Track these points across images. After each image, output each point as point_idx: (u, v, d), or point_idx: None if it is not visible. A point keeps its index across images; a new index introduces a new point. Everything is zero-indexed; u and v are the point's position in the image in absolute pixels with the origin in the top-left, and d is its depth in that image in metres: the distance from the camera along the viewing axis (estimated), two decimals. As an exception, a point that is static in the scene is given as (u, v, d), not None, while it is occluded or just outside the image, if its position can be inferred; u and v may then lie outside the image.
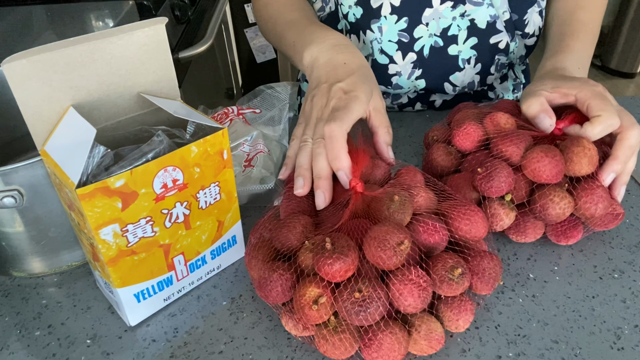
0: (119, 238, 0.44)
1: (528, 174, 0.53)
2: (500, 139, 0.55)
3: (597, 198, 0.52)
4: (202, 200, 0.49)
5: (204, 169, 0.48)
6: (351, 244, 0.43)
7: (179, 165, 0.45)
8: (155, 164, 0.44)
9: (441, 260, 0.45)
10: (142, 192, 0.44)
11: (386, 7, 0.74)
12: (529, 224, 0.56)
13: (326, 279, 0.43)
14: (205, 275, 0.55)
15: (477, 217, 0.47)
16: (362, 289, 0.42)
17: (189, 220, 0.49)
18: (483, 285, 0.46)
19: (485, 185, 0.53)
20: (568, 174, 0.53)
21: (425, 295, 0.43)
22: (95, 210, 0.41)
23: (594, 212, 0.53)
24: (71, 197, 0.42)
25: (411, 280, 0.42)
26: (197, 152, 0.46)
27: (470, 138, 0.58)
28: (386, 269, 0.43)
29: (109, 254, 0.44)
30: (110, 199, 0.42)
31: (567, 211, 0.53)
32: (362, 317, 0.41)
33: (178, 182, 0.46)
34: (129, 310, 0.49)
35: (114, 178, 0.41)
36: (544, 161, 0.51)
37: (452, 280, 0.44)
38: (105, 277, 0.48)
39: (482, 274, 0.46)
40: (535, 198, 0.53)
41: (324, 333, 0.43)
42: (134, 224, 0.45)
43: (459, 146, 0.59)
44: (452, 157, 0.60)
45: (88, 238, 0.45)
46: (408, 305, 0.42)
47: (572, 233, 0.56)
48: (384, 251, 0.42)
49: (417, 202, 0.49)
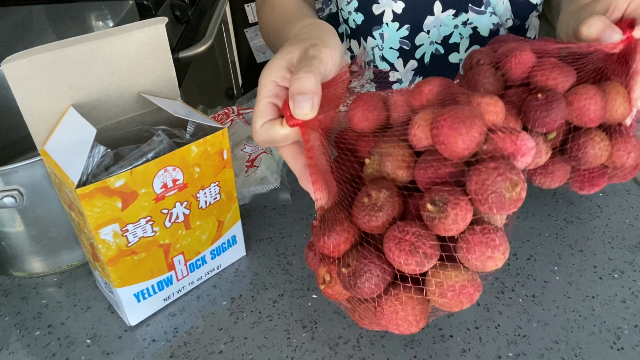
0: (118, 238, 0.44)
1: (573, 110, 0.50)
2: (550, 67, 0.51)
3: (631, 147, 0.52)
4: (202, 200, 0.49)
5: (204, 169, 0.48)
6: (341, 216, 0.39)
7: (179, 165, 0.45)
8: (155, 163, 0.43)
9: (421, 202, 0.36)
10: (142, 192, 0.44)
11: (388, 14, 0.74)
12: (558, 166, 0.54)
13: (328, 256, 0.40)
14: (205, 275, 0.55)
15: (447, 128, 0.35)
16: (350, 263, 0.38)
17: (189, 220, 0.49)
18: (485, 206, 0.35)
19: (542, 113, 0.48)
20: (604, 118, 0.52)
21: (411, 248, 0.36)
22: (95, 210, 0.41)
23: (625, 161, 0.52)
24: (71, 197, 0.42)
25: (394, 237, 0.36)
26: (197, 152, 0.46)
27: (525, 66, 0.53)
28: (371, 231, 0.38)
29: (109, 253, 0.44)
30: (110, 199, 0.42)
31: (605, 154, 0.51)
32: (356, 291, 0.38)
33: (178, 182, 0.46)
34: (129, 310, 0.49)
35: (114, 178, 0.41)
36: (595, 99, 0.49)
37: (433, 218, 0.35)
38: (105, 277, 0.48)
39: (477, 190, 0.35)
40: (578, 135, 0.51)
41: (350, 305, 0.42)
42: (134, 223, 0.45)
43: (511, 72, 0.53)
44: (500, 83, 0.54)
45: (88, 238, 0.45)
46: (402, 264, 0.36)
47: (598, 181, 0.54)
48: (360, 212, 0.38)
49: (415, 138, 0.38)
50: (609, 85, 0.52)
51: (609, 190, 0.66)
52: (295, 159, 0.42)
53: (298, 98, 0.37)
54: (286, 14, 0.64)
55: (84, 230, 0.45)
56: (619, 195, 0.65)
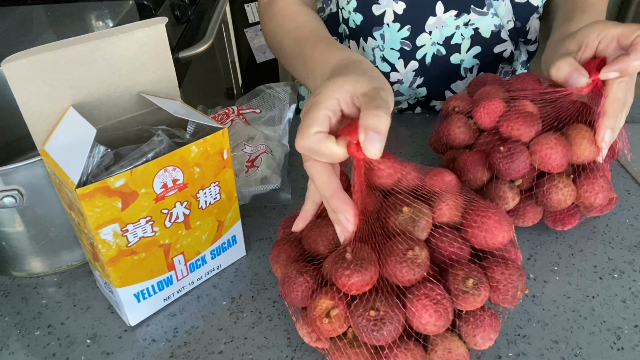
0: (119, 238, 0.44)
1: (537, 159, 0.53)
2: (514, 118, 0.54)
3: (598, 188, 0.53)
4: (202, 200, 0.49)
5: (204, 169, 0.48)
6: (372, 256, 0.40)
7: (179, 165, 0.45)
8: (155, 163, 0.43)
9: (452, 273, 0.41)
10: (142, 192, 0.44)
11: (389, 14, 0.74)
12: (528, 208, 0.56)
13: (342, 291, 0.40)
14: (205, 275, 0.55)
15: (493, 221, 0.42)
16: (379, 308, 0.39)
17: (189, 220, 0.49)
18: (504, 299, 0.42)
19: (505, 165, 0.52)
20: (571, 160, 0.54)
21: (441, 310, 0.39)
22: (95, 210, 0.41)
23: (593, 202, 0.54)
24: (71, 197, 0.42)
25: (426, 296, 0.39)
26: (197, 152, 0.46)
27: (494, 115, 0.56)
28: (401, 283, 0.40)
29: (109, 254, 0.44)
30: (110, 199, 0.42)
31: (570, 199, 0.53)
32: (375, 337, 0.39)
33: (178, 182, 0.46)
34: (129, 310, 0.49)
35: (114, 178, 0.41)
36: (556, 148, 0.51)
37: (467, 292, 0.40)
38: (105, 277, 0.48)
39: (496, 286, 0.42)
40: (542, 182, 0.54)
41: (339, 345, 0.41)
42: (134, 223, 0.45)
43: (480, 122, 0.57)
44: (471, 132, 0.58)
45: (88, 238, 0.45)
46: (426, 323, 0.39)
47: (570, 220, 0.57)
48: (391, 260, 0.40)
49: (440, 212, 0.44)
50: (574, 129, 0.54)
51: (609, 190, 0.66)
52: (331, 178, 0.41)
53: (373, 135, 0.37)
54: (307, 31, 0.63)
55: (84, 231, 0.45)
56: (619, 195, 0.65)
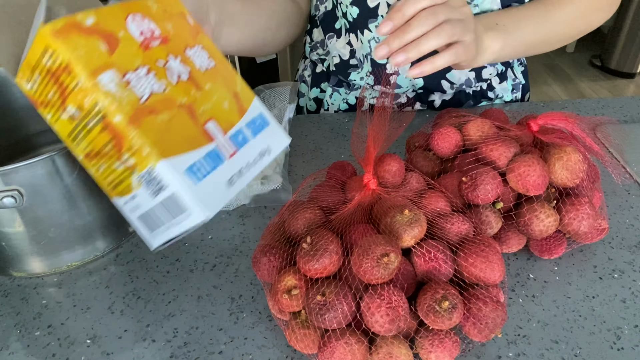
0: (124, 90, 0.40)
1: (513, 178, 0.52)
2: (488, 142, 0.54)
3: (582, 215, 0.52)
4: (197, 62, 0.46)
5: (176, 28, 0.45)
6: (333, 246, 0.43)
7: (148, 15, 0.43)
8: (118, 7, 0.42)
9: (432, 288, 0.42)
10: (122, 36, 0.41)
11: (383, 6, 0.74)
12: (510, 234, 0.55)
13: (303, 273, 0.44)
14: (259, 157, 0.47)
15: (494, 258, 0.44)
16: (326, 293, 0.41)
17: (195, 79, 0.45)
18: (476, 332, 0.43)
19: (471, 194, 0.52)
20: (552, 183, 0.53)
21: (392, 315, 0.40)
22: (77, 51, 0.38)
23: (577, 229, 0.52)
24: (70, 84, 0.39)
25: (383, 298, 0.40)
26: (156, 8, 0.44)
27: (447, 141, 0.57)
28: (366, 281, 0.42)
29: (124, 110, 0.39)
30: (90, 38, 0.39)
31: (552, 229, 0.52)
32: (318, 319, 0.41)
33: (156, 33, 0.44)
34: (194, 196, 0.39)
35: (82, 14, 0.39)
36: (534, 166, 0.51)
37: (439, 312, 0.41)
38: (138, 157, 0.40)
39: (478, 321, 0.43)
40: (522, 212, 0.53)
41: (293, 324, 0.44)
42: (134, 71, 0.41)
43: (437, 150, 0.58)
44: (431, 163, 0.59)
45: (110, 151, 0.40)
46: (375, 322, 0.40)
47: (556, 249, 0.55)
48: (366, 261, 0.41)
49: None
50: (550, 150, 0.53)
51: (609, 190, 0.66)
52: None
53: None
54: None
55: (106, 153, 0.40)
56: (618, 195, 0.65)
